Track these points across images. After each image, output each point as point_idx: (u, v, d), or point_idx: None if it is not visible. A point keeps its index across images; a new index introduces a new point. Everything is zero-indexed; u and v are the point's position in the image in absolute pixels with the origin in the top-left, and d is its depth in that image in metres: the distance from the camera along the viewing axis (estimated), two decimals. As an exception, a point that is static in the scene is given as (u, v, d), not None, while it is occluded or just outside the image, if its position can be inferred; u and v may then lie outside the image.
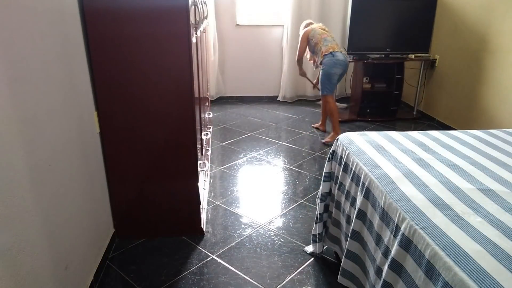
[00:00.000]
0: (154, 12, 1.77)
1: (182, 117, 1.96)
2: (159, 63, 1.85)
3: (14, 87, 1.18)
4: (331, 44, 3.53)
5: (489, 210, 1.20)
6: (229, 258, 2.00)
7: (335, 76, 3.55)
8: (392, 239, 1.26)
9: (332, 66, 3.50)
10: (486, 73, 3.44)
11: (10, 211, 1.13)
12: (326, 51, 3.51)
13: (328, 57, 3.50)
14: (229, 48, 4.88)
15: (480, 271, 0.93)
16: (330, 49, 3.51)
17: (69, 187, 1.57)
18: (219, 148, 3.48)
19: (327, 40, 3.56)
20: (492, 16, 3.37)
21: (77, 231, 1.64)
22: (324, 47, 3.54)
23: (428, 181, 1.38)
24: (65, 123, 1.54)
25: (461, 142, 1.80)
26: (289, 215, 2.41)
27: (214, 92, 4.95)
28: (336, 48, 3.53)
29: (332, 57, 3.49)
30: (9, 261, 1.12)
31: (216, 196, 2.63)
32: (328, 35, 3.61)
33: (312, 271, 1.92)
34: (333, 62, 3.49)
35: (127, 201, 2.09)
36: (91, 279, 1.75)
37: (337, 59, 3.49)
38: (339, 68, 3.52)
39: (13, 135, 1.16)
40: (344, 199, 1.74)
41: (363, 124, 4.23)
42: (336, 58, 3.48)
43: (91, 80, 1.84)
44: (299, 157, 3.28)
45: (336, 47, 3.53)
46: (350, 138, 1.83)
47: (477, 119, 3.57)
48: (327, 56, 3.51)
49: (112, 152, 1.99)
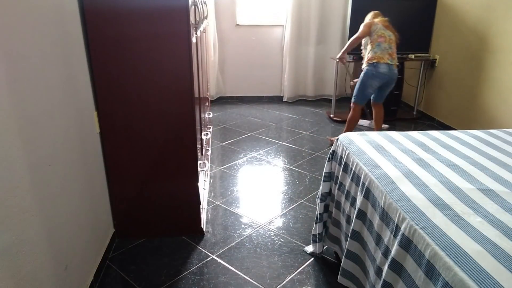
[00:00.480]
0: (154, 12, 1.77)
1: (182, 117, 1.96)
2: (159, 63, 1.85)
3: (14, 87, 1.18)
4: (382, 53, 3.24)
5: (489, 210, 1.20)
6: (229, 258, 2.00)
7: (371, 88, 3.33)
8: (392, 239, 1.26)
9: (370, 77, 3.28)
10: (486, 73, 3.44)
11: (10, 211, 1.13)
12: (371, 59, 3.26)
13: (370, 67, 3.27)
14: (229, 48, 4.88)
15: (480, 271, 0.93)
16: (376, 59, 3.23)
17: (69, 187, 1.57)
18: (219, 148, 3.48)
19: (381, 46, 3.25)
20: (492, 16, 3.37)
21: (77, 231, 1.64)
22: (372, 53, 3.27)
23: (428, 181, 1.38)
24: (65, 123, 1.54)
25: (461, 142, 1.80)
26: (289, 215, 2.41)
27: (214, 92, 4.95)
28: (386, 58, 3.23)
29: (373, 68, 3.25)
30: (9, 261, 1.12)
31: (216, 196, 2.63)
32: (386, 39, 3.27)
33: (312, 271, 1.92)
34: (372, 74, 3.26)
35: (127, 201, 2.09)
36: (91, 279, 1.75)
37: (377, 71, 3.24)
38: (377, 81, 3.28)
39: (13, 135, 1.16)
40: (344, 199, 1.74)
41: (364, 124, 4.23)
42: (377, 70, 3.24)
43: (91, 80, 1.84)
44: (299, 157, 3.28)
45: (385, 58, 3.23)
46: (350, 138, 1.83)
47: (477, 119, 3.57)
48: (370, 65, 3.27)
49: (112, 152, 1.99)
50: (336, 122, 4.29)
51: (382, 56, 3.24)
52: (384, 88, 3.41)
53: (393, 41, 3.31)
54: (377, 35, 3.29)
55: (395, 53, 3.30)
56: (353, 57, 4.21)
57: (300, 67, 4.97)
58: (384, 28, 3.31)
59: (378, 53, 3.26)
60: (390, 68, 3.25)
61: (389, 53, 3.27)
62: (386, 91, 3.45)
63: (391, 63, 3.26)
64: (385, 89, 3.42)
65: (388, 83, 3.36)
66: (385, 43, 3.27)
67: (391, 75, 3.28)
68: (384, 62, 3.24)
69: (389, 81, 3.33)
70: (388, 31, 3.31)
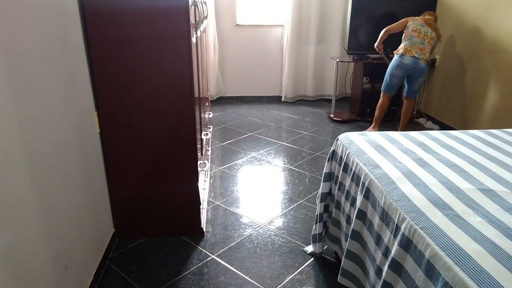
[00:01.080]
0: (154, 12, 1.77)
1: (182, 117, 1.96)
2: (159, 63, 1.85)
3: (14, 87, 1.18)
4: (411, 46, 3.42)
5: (489, 210, 1.20)
6: (229, 258, 2.00)
7: (395, 77, 3.52)
8: (392, 239, 1.26)
9: (394, 67, 3.49)
10: (486, 73, 3.44)
11: (10, 211, 1.13)
12: (399, 50, 3.48)
13: (396, 57, 3.49)
14: (229, 48, 4.88)
15: (480, 271, 0.93)
16: (402, 50, 3.44)
17: (69, 187, 1.57)
18: (219, 148, 3.49)
19: (412, 40, 3.43)
20: (492, 16, 3.37)
21: (77, 231, 1.64)
22: (402, 45, 3.49)
23: (428, 181, 1.38)
24: (65, 123, 1.54)
25: (461, 142, 1.80)
26: (289, 215, 2.41)
27: (214, 92, 4.95)
28: (414, 52, 3.40)
29: (398, 58, 3.46)
30: (9, 261, 1.12)
31: (216, 196, 2.63)
32: (421, 35, 3.42)
33: (312, 271, 1.92)
34: (396, 64, 3.47)
35: (127, 201, 2.09)
36: (91, 279, 1.75)
37: (401, 62, 3.44)
38: (401, 71, 3.47)
39: (13, 135, 1.16)
40: (344, 199, 1.74)
41: (363, 124, 4.23)
42: (401, 61, 3.44)
43: (91, 80, 1.84)
44: (299, 157, 3.28)
45: (413, 51, 3.39)
46: (350, 138, 1.83)
47: (477, 119, 3.57)
48: (397, 55, 3.49)
49: (112, 152, 1.99)
50: (336, 122, 4.29)
51: (410, 49, 3.42)
52: (411, 80, 3.55)
53: (428, 38, 3.44)
54: (411, 30, 3.47)
55: (426, 48, 3.43)
56: (353, 57, 4.21)
57: (300, 67, 4.97)
58: (424, 25, 3.46)
59: (407, 46, 3.45)
60: (415, 61, 3.41)
61: (420, 48, 3.42)
62: (415, 85, 3.57)
63: (418, 57, 3.40)
64: (413, 82, 3.55)
65: (413, 76, 3.49)
66: (418, 38, 3.43)
67: (415, 67, 3.43)
68: (411, 55, 3.41)
69: (414, 74, 3.47)
70: (427, 28, 3.45)
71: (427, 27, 3.45)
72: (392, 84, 3.59)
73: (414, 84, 3.57)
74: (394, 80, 3.55)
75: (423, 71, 3.47)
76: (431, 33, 3.45)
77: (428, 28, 3.45)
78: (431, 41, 3.45)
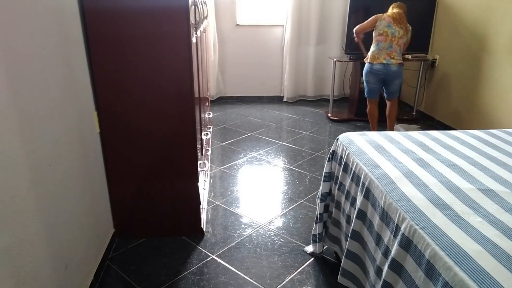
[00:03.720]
0: (154, 12, 1.77)
1: (182, 117, 1.96)
2: (159, 63, 1.85)
3: (14, 87, 1.18)
4: (379, 53, 3.34)
5: (489, 210, 1.20)
6: (229, 258, 2.00)
7: (371, 83, 3.47)
8: (392, 239, 1.26)
9: (367, 73, 3.46)
10: (486, 73, 3.44)
11: (10, 211, 1.13)
12: (367, 58, 3.44)
13: (366, 65, 3.46)
14: (229, 48, 4.88)
15: (480, 271, 0.93)
16: (370, 58, 3.40)
17: (69, 187, 1.57)
18: (219, 148, 3.48)
19: (379, 45, 3.34)
20: (492, 17, 3.37)
21: (77, 231, 1.64)
22: (370, 52, 3.42)
23: (428, 181, 1.38)
24: (65, 123, 1.54)
25: (461, 142, 1.80)
26: (289, 215, 2.41)
27: (214, 92, 4.95)
28: (382, 59, 3.33)
29: (368, 66, 3.43)
30: (9, 261, 1.12)
31: (216, 196, 2.63)
32: (388, 38, 3.30)
33: (312, 271, 1.92)
34: (368, 71, 3.44)
35: (127, 201, 2.09)
36: (91, 279, 1.75)
37: (372, 69, 3.40)
38: (373, 77, 3.43)
39: (13, 135, 1.16)
40: (344, 199, 1.74)
41: (362, 124, 4.23)
42: (371, 68, 3.40)
43: (91, 80, 1.84)
44: (299, 157, 3.28)
45: (381, 58, 3.33)
46: (350, 138, 1.83)
47: (477, 119, 3.57)
48: (366, 64, 3.46)
49: (112, 152, 1.99)
50: (334, 122, 4.29)
51: (378, 56, 3.37)
52: (387, 84, 3.50)
53: (396, 39, 3.31)
54: (378, 33, 3.37)
55: (395, 51, 3.34)
56: (350, 57, 4.21)
57: (300, 67, 4.97)
58: (391, 23, 3.31)
59: (374, 53, 3.40)
60: (385, 66, 3.35)
61: (387, 52, 3.34)
62: (391, 87, 3.52)
63: (387, 63, 3.34)
64: (389, 85, 3.50)
65: (388, 80, 3.44)
66: (385, 43, 3.33)
67: (387, 72, 3.37)
68: (379, 62, 3.36)
69: (387, 78, 3.42)
70: (394, 28, 3.30)
71: (394, 25, 3.29)
72: (371, 89, 3.52)
73: (390, 86, 3.49)
74: (371, 86, 3.50)
75: (396, 74, 3.38)
76: (399, 31, 3.30)
77: (396, 26, 3.29)
78: (400, 40, 3.32)
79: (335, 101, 4.96)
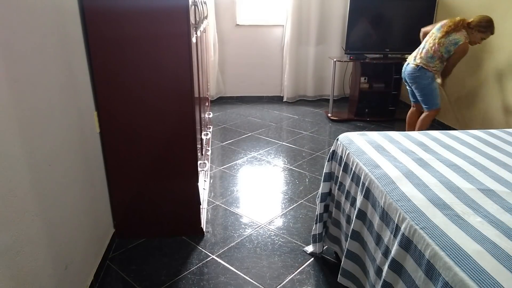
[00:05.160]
0: (154, 12, 1.77)
1: (182, 117, 1.96)
2: (159, 63, 1.85)
3: (14, 87, 1.18)
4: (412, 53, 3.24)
5: (489, 210, 1.20)
6: (229, 258, 2.00)
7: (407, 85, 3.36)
8: (392, 239, 1.26)
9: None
10: (486, 73, 3.44)
11: (10, 211, 1.13)
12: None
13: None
14: (229, 48, 4.88)
15: (480, 271, 0.93)
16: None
17: (69, 187, 1.57)
18: (219, 148, 3.48)
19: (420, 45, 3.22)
20: (492, 16, 3.37)
21: (77, 231, 1.64)
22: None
23: (428, 181, 1.38)
24: (65, 123, 1.54)
25: (461, 142, 1.80)
26: (289, 215, 2.41)
27: (214, 92, 4.95)
28: (410, 57, 3.22)
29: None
30: (9, 261, 1.12)
31: (216, 196, 2.63)
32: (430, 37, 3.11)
33: (312, 271, 1.92)
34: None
35: (127, 201, 2.09)
36: (91, 279, 1.75)
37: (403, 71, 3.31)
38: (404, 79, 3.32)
39: (13, 135, 1.16)
40: (344, 199, 1.74)
41: (361, 124, 4.23)
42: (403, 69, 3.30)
43: (91, 80, 1.84)
44: (299, 157, 3.28)
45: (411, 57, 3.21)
46: (350, 138, 1.83)
47: (477, 119, 3.57)
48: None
49: (112, 152, 1.99)
50: (333, 122, 4.29)
51: (410, 56, 3.28)
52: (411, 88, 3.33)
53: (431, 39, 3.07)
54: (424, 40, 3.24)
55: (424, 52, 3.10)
56: (350, 57, 4.21)
57: (300, 67, 4.97)
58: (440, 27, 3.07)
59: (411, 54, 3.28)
60: (406, 66, 3.26)
61: (417, 52, 3.17)
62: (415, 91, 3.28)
63: (408, 62, 3.23)
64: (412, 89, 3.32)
65: (408, 83, 3.30)
66: (422, 43, 3.19)
67: (404, 72, 3.28)
68: (408, 62, 3.25)
69: (405, 79, 3.30)
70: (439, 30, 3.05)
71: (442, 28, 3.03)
72: (408, 90, 3.40)
73: (413, 90, 3.30)
74: (407, 87, 3.40)
75: (410, 77, 3.17)
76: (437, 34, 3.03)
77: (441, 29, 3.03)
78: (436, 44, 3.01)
79: (335, 101, 4.96)
